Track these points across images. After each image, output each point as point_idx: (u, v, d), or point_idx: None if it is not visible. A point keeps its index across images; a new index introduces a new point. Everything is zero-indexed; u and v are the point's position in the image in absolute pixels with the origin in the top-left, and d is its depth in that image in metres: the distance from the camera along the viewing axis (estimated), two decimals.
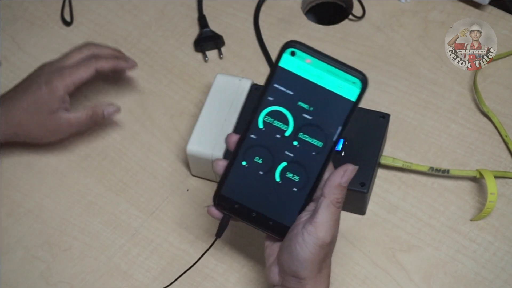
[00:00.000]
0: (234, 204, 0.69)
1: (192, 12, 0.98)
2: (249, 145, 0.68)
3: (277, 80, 0.67)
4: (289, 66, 0.67)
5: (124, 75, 0.93)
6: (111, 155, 0.89)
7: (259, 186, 0.69)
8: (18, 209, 0.86)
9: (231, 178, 0.69)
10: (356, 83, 0.65)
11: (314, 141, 0.67)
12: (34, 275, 0.82)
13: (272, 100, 0.67)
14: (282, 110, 0.67)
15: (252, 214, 0.69)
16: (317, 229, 0.65)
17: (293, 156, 0.67)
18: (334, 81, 0.66)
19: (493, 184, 0.79)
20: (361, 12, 0.95)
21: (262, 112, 0.68)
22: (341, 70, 0.65)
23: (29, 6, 1.00)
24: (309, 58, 0.66)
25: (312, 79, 0.66)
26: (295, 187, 0.68)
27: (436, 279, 0.78)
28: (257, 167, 0.68)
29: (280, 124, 0.67)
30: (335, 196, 0.66)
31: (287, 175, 0.68)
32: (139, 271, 0.81)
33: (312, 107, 0.67)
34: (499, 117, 0.87)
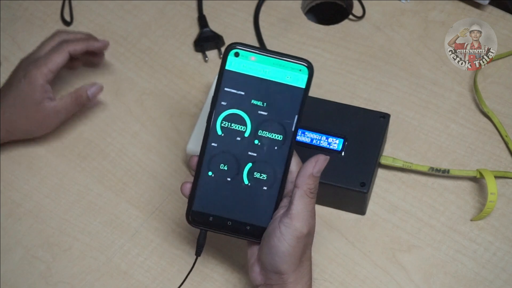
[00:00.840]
0: (208, 217, 0.69)
1: (192, 12, 0.98)
2: (212, 154, 0.68)
3: (226, 83, 0.68)
4: (236, 67, 0.67)
5: (102, 59, 0.93)
6: (111, 155, 0.89)
7: (229, 193, 0.69)
8: (18, 209, 0.86)
9: (200, 191, 0.69)
10: (303, 70, 0.67)
11: (274, 135, 0.67)
12: (34, 275, 0.82)
13: (225, 104, 0.68)
14: (237, 112, 0.68)
15: (228, 223, 0.69)
16: (293, 220, 0.65)
17: (256, 156, 0.68)
18: (282, 73, 0.67)
19: (493, 184, 0.79)
20: (361, 12, 0.95)
21: (218, 118, 0.68)
22: (286, 60, 0.67)
23: (29, 6, 1.00)
24: (253, 55, 0.67)
25: (260, 75, 0.67)
26: (265, 186, 0.68)
27: (436, 279, 0.78)
28: (223, 174, 0.68)
29: (238, 126, 0.68)
30: (308, 186, 0.66)
31: (255, 176, 0.68)
32: (139, 271, 0.81)
33: (265, 103, 0.67)
34: (499, 117, 0.87)
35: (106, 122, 0.91)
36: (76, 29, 0.98)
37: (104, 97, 0.93)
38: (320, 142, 0.82)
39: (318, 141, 0.82)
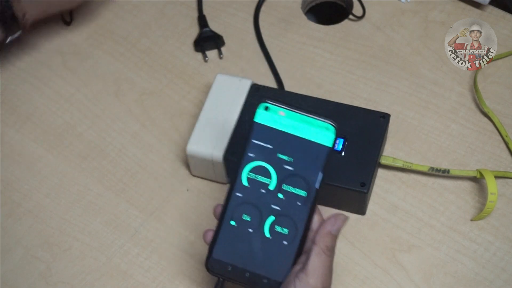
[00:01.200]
0: (226, 266, 0.69)
1: (192, 12, 0.98)
2: (236, 204, 0.68)
3: (255, 135, 0.68)
4: (265, 120, 0.68)
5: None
6: (111, 155, 0.89)
7: (249, 244, 0.68)
8: (18, 209, 0.86)
9: (221, 239, 0.69)
10: (330, 129, 0.67)
11: (298, 191, 0.68)
12: (34, 275, 0.82)
13: (253, 156, 0.68)
14: (263, 164, 0.68)
15: (246, 274, 0.68)
16: (308, 276, 0.65)
17: (279, 209, 0.68)
18: (309, 130, 0.67)
19: (494, 184, 0.79)
20: (361, 12, 0.95)
21: (245, 169, 0.68)
22: (314, 118, 0.67)
23: None
24: (282, 110, 0.68)
25: (288, 130, 0.68)
26: (285, 240, 0.68)
27: (436, 279, 0.78)
28: (246, 225, 0.68)
29: (264, 179, 0.68)
30: (326, 244, 0.66)
31: (276, 229, 0.68)
32: (139, 271, 0.81)
33: (291, 158, 0.68)
34: (500, 117, 0.87)
35: (106, 122, 0.91)
36: (76, 29, 0.98)
37: (104, 97, 0.93)
38: None
39: None
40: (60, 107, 0.93)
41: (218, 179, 0.85)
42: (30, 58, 0.96)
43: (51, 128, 0.91)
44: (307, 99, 0.85)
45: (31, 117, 0.92)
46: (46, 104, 0.93)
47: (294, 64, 0.93)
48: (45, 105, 0.93)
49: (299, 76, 0.92)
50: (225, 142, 0.82)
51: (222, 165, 0.82)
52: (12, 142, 0.90)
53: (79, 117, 0.92)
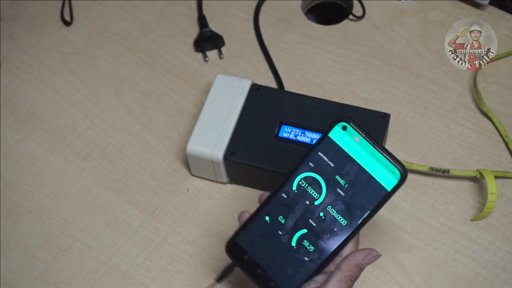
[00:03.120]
0: (244, 254, 0.69)
1: (192, 12, 0.98)
2: (277, 203, 0.68)
3: (323, 149, 0.67)
4: (337, 139, 0.67)
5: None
6: (111, 155, 0.89)
7: (273, 245, 0.68)
8: (18, 209, 0.86)
9: (249, 228, 0.69)
10: (395, 174, 0.66)
11: (340, 218, 0.67)
12: (34, 275, 0.82)
13: (312, 166, 0.68)
14: (319, 178, 0.67)
15: (258, 270, 0.68)
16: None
17: (315, 226, 0.67)
18: (375, 166, 0.66)
19: (493, 184, 0.79)
20: (361, 12, 0.95)
21: (300, 175, 0.68)
22: (384, 157, 0.66)
23: (29, 6, 1.00)
24: (358, 137, 0.67)
25: (356, 157, 0.67)
26: (307, 257, 0.67)
27: (436, 279, 0.78)
28: (278, 226, 0.68)
29: (313, 192, 0.67)
30: (351, 274, 0.65)
31: (304, 243, 0.67)
32: (139, 271, 0.81)
33: (347, 184, 0.67)
34: (499, 117, 0.87)
35: (106, 122, 0.91)
36: (76, 29, 0.98)
37: (104, 97, 0.93)
38: None
39: None
40: (60, 107, 0.93)
41: (218, 179, 0.85)
42: (30, 58, 0.96)
43: (51, 128, 0.91)
44: (307, 99, 0.85)
45: (31, 117, 0.92)
46: (46, 104, 0.93)
47: (294, 64, 0.93)
48: (45, 105, 0.93)
49: (299, 76, 0.92)
50: (225, 142, 0.82)
51: (222, 165, 0.82)
52: (12, 142, 0.91)
53: (79, 117, 0.92)
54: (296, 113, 0.84)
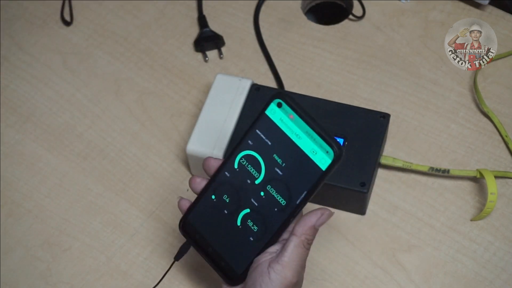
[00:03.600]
0: (195, 233, 0.69)
1: (192, 12, 0.98)
2: (221, 181, 0.68)
3: (260, 126, 0.67)
4: (274, 116, 0.66)
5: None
6: (111, 155, 0.89)
7: (221, 224, 0.68)
8: (18, 209, 0.86)
9: (199, 207, 0.69)
10: (329, 153, 0.64)
11: (279, 197, 0.66)
12: (34, 275, 0.82)
13: (251, 144, 0.67)
14: (257, 157, 0.67)
15: (209, 249, 0.69)
16: (284, 268, 0.64)
17: (257, 206, 0.67)
18: (310, 144, 0.65)
19: (493, 184, 0.79)
20: (361, 12, 0.95)
21: (240, 153, 0.68)
22: (319, 135, 0.64)
23: (29, 6, 1.00)
24: (293, 114, 0.65)
25: (291, 135, 0.65)
26: (252, 237, 0.67)
27: (436, 279, 0.78)
28: (223, 205, 0.68)
29: (253, 170, 0.67)
30: (307, 237, 0.65)
31: (248, 223, 0.67)
32: (139, 271, 0.81)
33: (284, 163, 0.66)
34: (499, 117, 0.87)
35: (106, 122, 0.91)
36: (76, 29, 0.98)
37: (104, 97, 0.93)
38: None
39: None
40: (60, 107, 0.93)
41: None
42: (30, 58, 0.96)
43: (51, 128, 0.91)
44: (307, 99, 0.85)
45: (31, 117, 0.92)
46: (46, 104, 0.93)
47: (294, 64, 0.93)
48: (45, 105, 0.93)
49: (299, 76, 0.92)
50: (225, 142, 0.82)
51: None
52: (12, 142, 0.90)
53: (79, 117, 0.92)
54: None
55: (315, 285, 0.79)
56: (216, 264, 0.69)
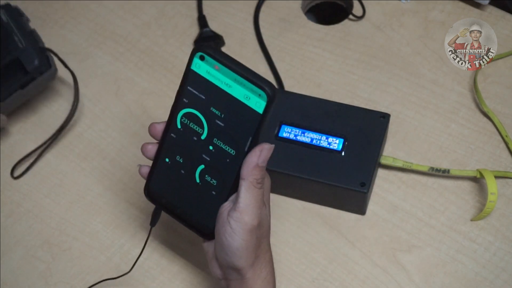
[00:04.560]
0: (161, 198, 0.70)
1: (192, 12, 0.98)
2: (170, 144, 0.69)
3: (190, 83, 0.66)
4: (200, 70, 0.65)
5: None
6: (111, 155, 0.89)
7: (181, 185, 0.69)
8: (18, 209, 0.86)
9: (157, 173, 0.70)
10: (262, 96, 0.63)
11: (227, 148, 0.66)
12: (34, 275, 0.82)
13: (187, 102, 0.67)
14: (196, 113, 0.67)
15: (178, 211, 0.70)
16: (242, 213, 0.64)
17: (209, 160, 0.67)
18: (242, 91, 0.64)
19: (494, 184, 0.79)
20: (361, 12, 0.95)
21: (180, 113, 0.67)
22: (248, 80, 0.63)
23: (29, 6, 1.00)
24: (217, 64, 0.65)
25: (222, 86, 0.65)
26: (214, 191, 0.68)
27: (436, 279, 0.78)
28: (178, 166, 0.68)
29: (196, 127, 0.67)
30: (254, 177, 0.65)
31: (206, 178, 0.68)
32: (139, 271, 0.81)
33: (223, 115, 0.65)
34: (500, 117, 0.87)
35: (106, 122, 0.91)
36: (76, 29, 0.98)
37: (104, 97, 0.93)
38: (320, 142, 0.82)
39: (318, 141, 0.82)
40: (60, 107, 0.93)
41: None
42: None
43: (51, 128, 0.91)
44: (307, 99, 0.85)
45: (31, 117, 0.92)
46: (46, 104, 0.93)
47: (294, 64, 0.93)
48: (45, 105, 0.93)
49: (299, 76, 0.92)
50: None
51: None
52: (12, 142, 0.90)
53: (79, 117, 0.92)
54: (296, 113, 0.84)
55: (315, 285, 0.79)
56: (188, 224, 0.70)
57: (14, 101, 0.85)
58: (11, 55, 0.83)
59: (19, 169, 0.88)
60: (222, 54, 0.65)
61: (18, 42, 0.83)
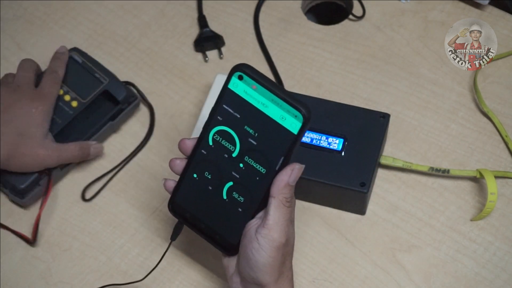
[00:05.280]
0: (185, 212, 0.71)
1: (192, 12, 0.98)
2: (200, 159, 0.69)
3: (226, 101, 0.67)
4: (237, 89, 0.67)
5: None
6: (111, 155, 0.89)
7: (208, 200, 0.69)
8: (18, 209, 0.86)
9: (183, 187, 0.70)
10: (298, 117, 0.65)
11: (258, 166, 0.67)
12: (34, 275, 0.82)
13: (221, 120, 0.68)
14: (229, 131, 0.68)
15: (201, 225, 0.70)
16: (270, 231, 0.65)
17: (239, 178, 0.68)
18: (278, 111, 0.65)
19: (493, 184, 0.79)
20: (361, 12, 0.95)
21: (212, 130, 0.68)
22: (284, 101, 0.65)
23: (29, 6, 1.00)
24: (255, 84, 0.66)
25: (258, 105, 0.66)
26: (240, 208, 0.68)
27: (436, 279, 0.78)
28: (206, 182, 0.69)
29: (228, 145, 0.68)
30: (284, 196, 0.66)
31: (233, 195, 0.68)
32: (139, 271, 0.81)
33: (257, 134, 0.67)
34: (499, 117, 0.87)
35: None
36: (76, 29, 0.98)
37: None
38: (320, 142, 0.82)
39: (318, 141, 0.82)
40: None
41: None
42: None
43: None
44: (307, 99, 0.85)
45: None
46: None
47: (294, 64, 0.93)
48: None
49: (299, 76, 0.92)
50: None
51: None
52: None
53: None
54: None
55: (315, 285, 0.79)
56: (211, 238, 0.70)
57: (106, 133, 0.89)
58: (99, 89, 0.88)
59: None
60: (260, 74, 0.66)
61: (100, 78, 0.88)
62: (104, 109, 0.88)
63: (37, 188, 0.84)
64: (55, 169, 0.85)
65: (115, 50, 0.96)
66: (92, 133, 0.87)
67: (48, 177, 0.83)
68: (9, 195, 0.85)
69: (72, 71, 0.89)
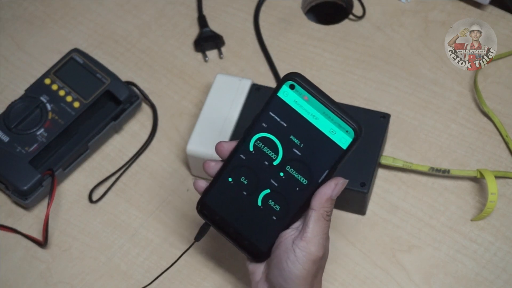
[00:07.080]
0: (215, 215, 0.70)
1: (192, 12, 0.98)
2: (237, 164, 0.68)
3: (273, 109, 0.66)
4: (287, 98, 0.66)
5: None
6: (111, 155, 0.89)
7: (241, 205, 0.69)
8: (18, 209, 0.86)
9: (216, 189, 0.69)
10: (349, 132, 0.65)
11: (300, 177, 0.66)
12: (33, 275, 0.82)
13: (265, 126, 0.67)
14: (273, 139, 0.67)
15: (230, 229, 0.69)
16: (309, 244, 0.65)
17: (277, 186, 0.67)
18: (328, 124, 0.65)
19: (494, 184, 0.79)
20: (361, 12, 0.95)
21: (255, 136, 0.67)
22: (336, 115, 0.65)
23: (29, 6, 1.00)
24: (307, 95, 0.65)
25: (307, 116, 0.65)
26: (275, 216, 0.67)
27: (437, 279, 0.78)
28: (241, 187, 0.68)
29: (270, 152, 0.67)
30: (325, 209, 0.65)
31: (269, 203, 0.68)
32: (139, 271, 0.81)
33: (303, 144, 0.66)
34: (500, 117, 0.87)
35: None
36: (76, 29, 0.98)
37: None
38: None
39: None
40: None
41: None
42: (30, 58, 0.96)
43: None
44: None
45: None
46: None
47: (294, 64, 0.93)
48: None
49: None
50: None
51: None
52: None
53: None
54: None
55: None
56: (238, 243, 0.69)
57: (109, 133, 0.89)
58: (101, 90, 0.88)
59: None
60: (313, 85, 0.65)
61: (102, 78, 0.88)
62: (106, 109, 0.88)
63: (40, 189, 0.84)
64: (58, 170, 0.85)
65: (115, 50, 0.96)
66: (95, 134, 0.87)
67: (52, 178, 0.83)
68: (12, 197, 0.84)
69: (73, 72, 0.89)
